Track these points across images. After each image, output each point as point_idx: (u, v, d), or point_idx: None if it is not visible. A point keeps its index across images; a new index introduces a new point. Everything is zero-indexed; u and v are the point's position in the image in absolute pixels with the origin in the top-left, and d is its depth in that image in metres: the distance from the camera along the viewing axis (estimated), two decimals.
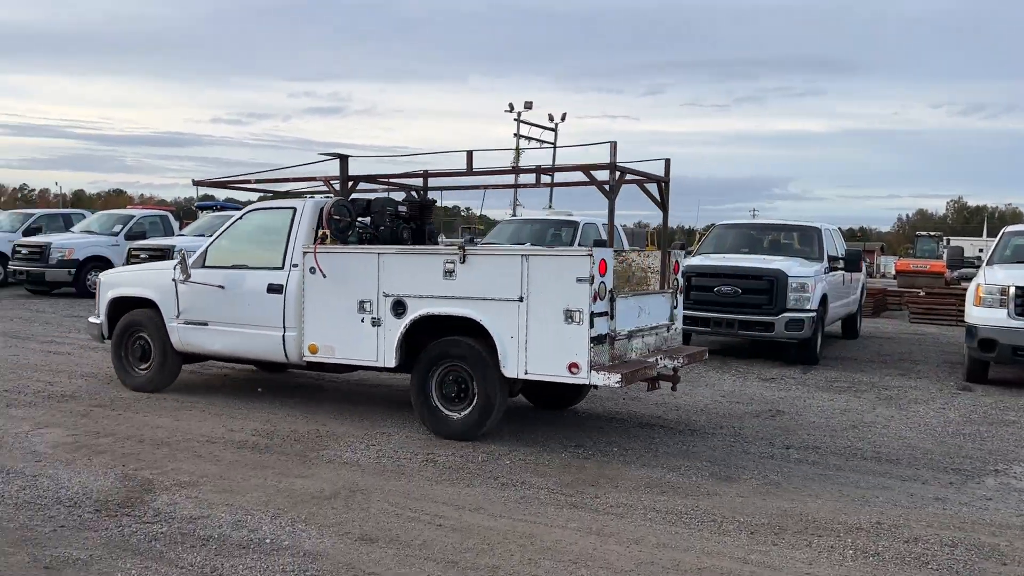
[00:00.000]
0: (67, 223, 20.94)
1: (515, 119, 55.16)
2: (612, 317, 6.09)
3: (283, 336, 7.20)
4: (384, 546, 4.31)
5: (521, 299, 6.11)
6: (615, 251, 6.44)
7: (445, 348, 6.51)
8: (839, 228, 14.89)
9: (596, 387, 6.47)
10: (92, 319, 8.66)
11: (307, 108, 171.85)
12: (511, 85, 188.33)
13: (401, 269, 6.64)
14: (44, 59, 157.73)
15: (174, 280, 7.84)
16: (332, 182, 7.76)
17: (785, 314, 10.66)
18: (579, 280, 5.88)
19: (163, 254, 15.55)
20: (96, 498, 4.88)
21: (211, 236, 8.42)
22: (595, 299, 5.89)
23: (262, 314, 7.32)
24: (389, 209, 7.72)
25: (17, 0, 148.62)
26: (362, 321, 6.78)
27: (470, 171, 7.21)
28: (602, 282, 5.96)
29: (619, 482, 5.53)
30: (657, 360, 6.68)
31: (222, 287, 7.60)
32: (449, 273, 6.40)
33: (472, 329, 6.37)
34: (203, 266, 7.79)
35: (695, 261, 11.69)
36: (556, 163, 6.87)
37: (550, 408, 7.78)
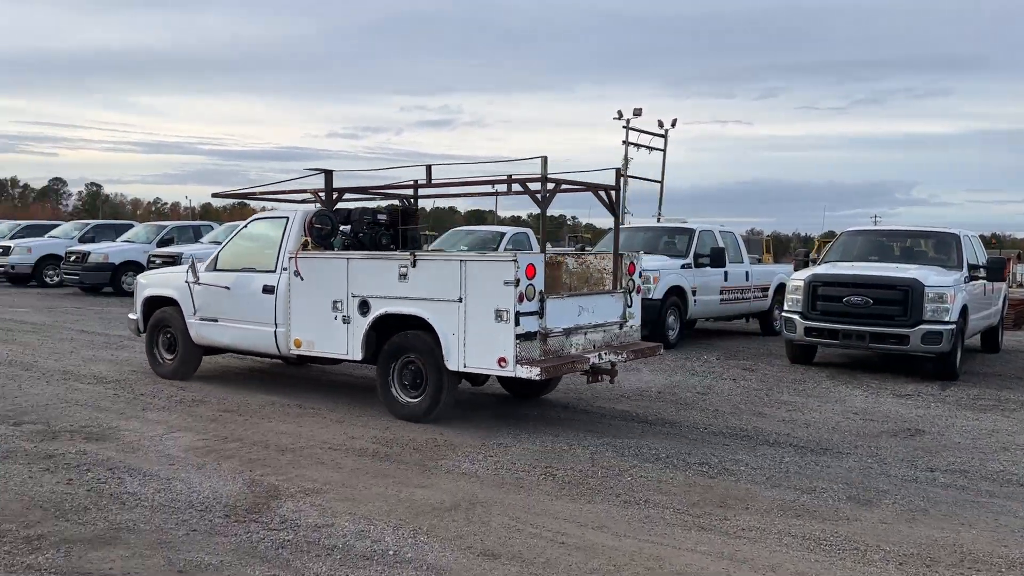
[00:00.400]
0: (196, 234, 22.10)
1: (624, 126, 54.85)
2: (542, 316, 6.67)
3: (275, 332, 8.07)
4: (507, 563, 4.20)
5: (460, 300, 6.75)
6: (575, 252, 7.15)
7: (402, 343, 7.25)
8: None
9: (530, 378, 6.74)
10: (131, 315, 9.76)
11: (418, 121, 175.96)
12: (618, 92, 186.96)
13: (365, 272, 7.40)
14: (175, 81, 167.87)
15: (187, 282, 8.82)
16: (320, 193, 8.43)
17: (922, 326, 9.99)
18: (506, 283, 6.48)
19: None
20: (225, 503, 4.98)
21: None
22: (521, 300, 6.48)
23: (258, 312, 8.19)
24: (367, 218, 8.41)
25: (149, 27, 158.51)
26: (335, 319, 7.56)
27: (429, 183, 8.06)
28: (530, 284, 6.55)
29: (749, 503, 5.24)
30: (599, 355, 7.16)
31: (227, 288, 8.52)
32: (403, 276, 7.12)
33: (424, 326, 7.03)
34: (215, 269, 8.77)
35: (821, 270, 11.14)
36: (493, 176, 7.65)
37: (523, 397, 8.39)
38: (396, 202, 8.82)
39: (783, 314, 11.21)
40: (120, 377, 9.13)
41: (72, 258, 20.54)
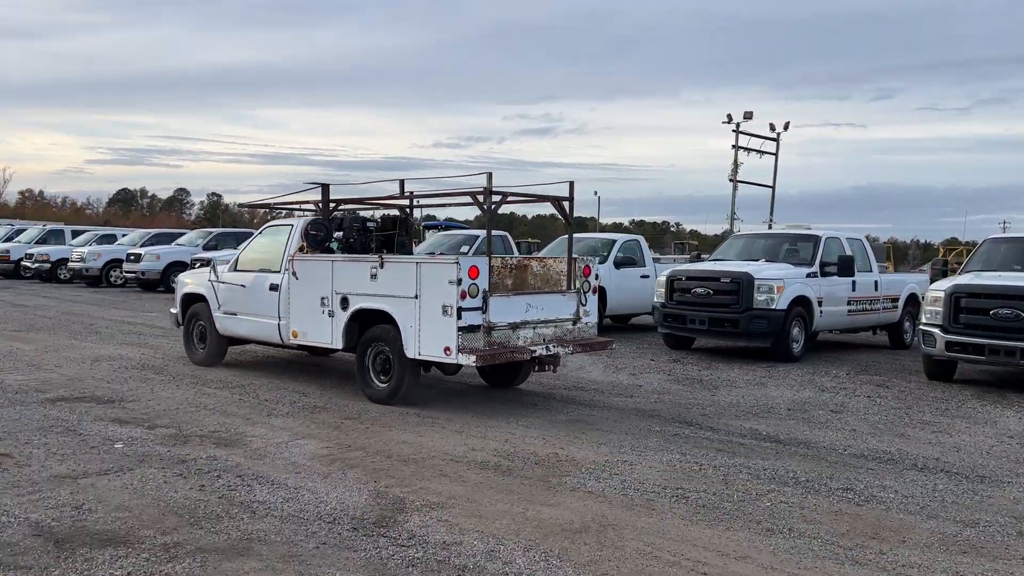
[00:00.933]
0: (238, 240, 23.24)
1: (734, 130, 53.53)
2: (485, 311, 7.57)
3: (279, 324, 9.26)
4: None
5: (416, 296, 7.76)
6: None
7: (375, 334, 8.28)
8: None
9: (467, 365, 7.73)
10: (172, 310, 11.26)
11: (520, 130, 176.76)
12: (724, 97, 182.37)
13: (345, 273, 8.49)
14: (292, 95, 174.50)
15: (210, 281, 10.23)
16: (318, 203, 9.76)
17: None
18: (450, 282, 7.44)
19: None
20: (352, 515, 4.92)
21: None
22: (464, 297, 7.40)
23: (267, 307, 9.42)
24: (356, 225, 9.55)
25: (267, 44, 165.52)
26: (323, 313, 8.67)
27: (402, 195, 9.37)
28: (473, 284, 7.47)
29: (906, 536, 4.81)
30: (547, 347, 8.08)
31: (244, 286, 9.81)
32: (374, 276, 8.17)
33: (390, 319, 8.03)
34: (235, 270, 10.09)
35: (963, 280, 10.36)
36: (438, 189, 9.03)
37: (500, 386, 9.38)
38: (396, 212, 10.00)
39: (921, 327, 10.49)
40: (245, 382, 9.34)
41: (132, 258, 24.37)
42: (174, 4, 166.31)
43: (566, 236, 18.39)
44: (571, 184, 8.67)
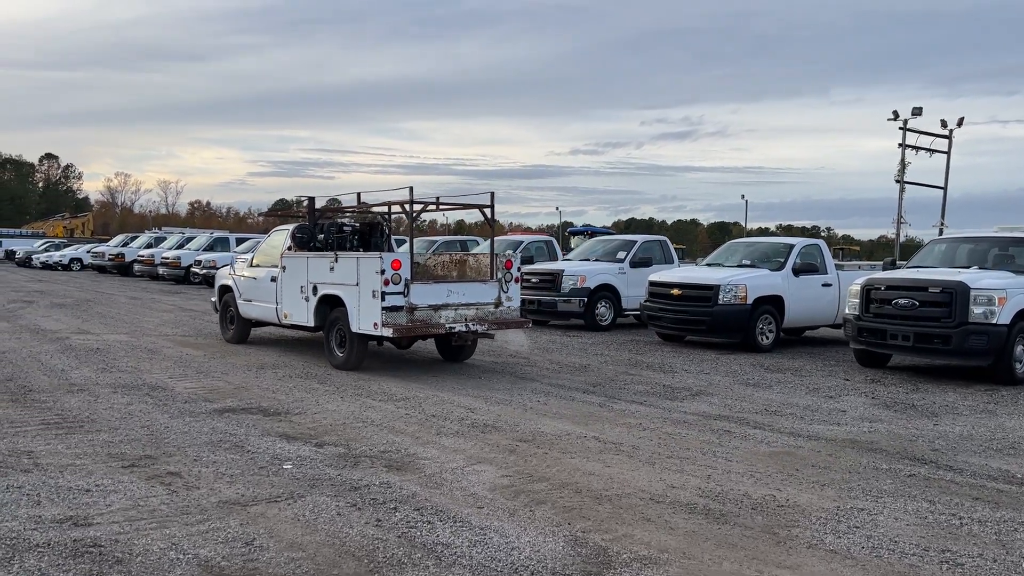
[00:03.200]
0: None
1: (900, 128, 49.94)
2: (407, 295, 9.61)
3: (276, 308, 11.62)
4: None
5: (357, 284, 9.88)
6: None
7: (335, 315, 10.47)
8: None
9: (387, 339, 10.16)
10: (211, 299, 14.36)
11: (659, 134, 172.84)
12: (877, 95, 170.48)
13: (314, 267, 10.76)
14: (434, 106, 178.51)
15: (231, 275, 13.07)
16: (305, 212, 12.35)
17: None
18: (376, 272, 9.54)
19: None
20: (552, 568, 4.18)
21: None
22: (387, 284, 9.47)
23: (270, 295, 11.78)
24: (333, 228, 11.93)
25: (411, 58, 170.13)
26: (302, 299, 10.97)
27: (359, 206, 12.05)
28: (396, 273, 9.53)
29: None
30: (466, 325, 10.08)
31: (255, 279, 12.29)
32: (332, 269, 10.38)
33: (342, 303, 10.18)
34: (251, 266, 12.60)
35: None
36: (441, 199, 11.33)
37: (451, 360, 11.39)
38: (378, 218, 12.47)
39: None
40: (409, 394, 8.87)
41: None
42: (327, 23, 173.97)
43: (733, 242, 17.30)
44: (491, 195, 10.77)
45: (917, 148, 49.43)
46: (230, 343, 12.98)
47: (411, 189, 10.12)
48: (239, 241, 32.25)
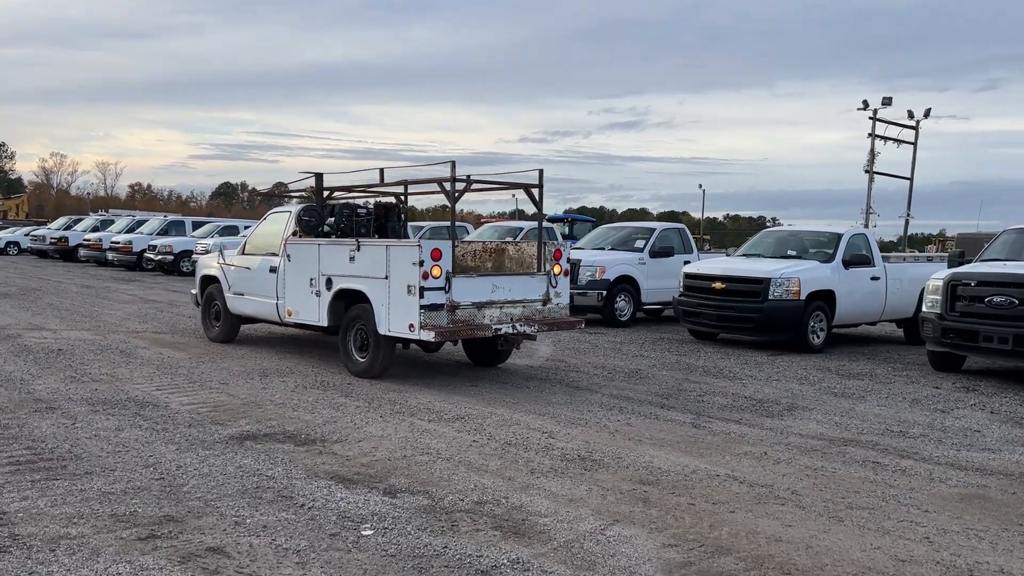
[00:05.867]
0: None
1: (870, 118, 49.74)
2: (448, 291, 7.97)
3: (277, 303, 9.81)
4: None
5: (387, 277, 8.19)
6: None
7: (355, 313, 8.73)
8: None
9: (425, 342, 8.37)
10: (192, 291, 12.13)
11: (607, 124, 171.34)
12: (821, 89, 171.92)
13: (329, 255, 8.97)
14: (383, 91, 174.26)
15: (220, 264, 10.93)
16: (313, 190, 10.19)
17: None
18: (413, 263, 7.86)
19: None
20: None
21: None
22: (426, 277, 7.82)
23: (268, 288, 9.96)
24: (346, 211, 9.96)
25: (361, 42, 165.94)
26: (311, 293, 9.18)
27: (381, 183, 9.85)
28: (435, 264, 7.87)
29: None
30: (513, 326, 8.40)
31: (249, 268, 10.35)
32: (352, 258, 8.63)
33: (366, 299, 8.46)
34: (242, 254, 10.66)
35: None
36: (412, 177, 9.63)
37: (484, 365, 9.72)
38: (391, 200, 10.46)
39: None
40: (459, 412, 7.31)
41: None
42: (275, 4, 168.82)
43: (769, 230, 15.94)
44: (540, 172, 8.93)
45: (885, 138, 49.31)
46: (215, 342, 11.09)
47: (453, 164, 8.32)
48: (196, 225, 30.02)
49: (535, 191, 9.02)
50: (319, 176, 10.11)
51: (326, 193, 10.25)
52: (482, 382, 8.88)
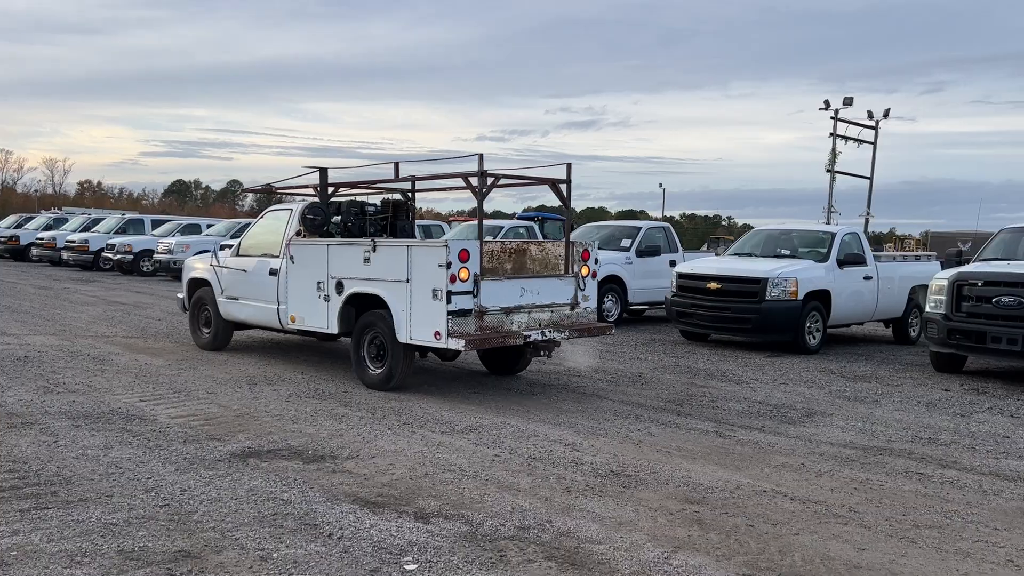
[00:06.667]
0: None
1: (832, 117, 50.29)
2: (476, 295, 7.37)
3: (278, 309, 9.09)
4: None
5: (407, 280, 7.53)
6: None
7: (370, 319, 8.05)
8: None
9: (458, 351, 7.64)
10: (179, 295, 11.19)
11: (563, 123, 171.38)
12: (774, 90, 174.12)
13: (339, 257, 8.27)
14: (341, 88, 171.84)
15: (212, 266, 10.09)
16: (316, 187, 9.35)
17: None
18: (439, 265, 7.23)
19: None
20: None
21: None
22: (453, 281, 7.20)
23: (267, 292, 9.23)
24: (354, 209, 9.24)
25: (319, 38, 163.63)
26: (319, 297, 8.48)
27: (397, 178, 8.90)
28: (463, 267, 7.25)
29: None
30: (542, 332, 7.77)
31: (245, 271, 9.60)
32: (367, 260, 7.95)
33: (383, 304, 7.79)
34: (237, 255, 9.87)
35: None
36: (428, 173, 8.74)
37: (500, 373, 9.11)
38: (397, 196, 9.64)
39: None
40: (471, 422, 6.88)
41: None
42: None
43: (759, 229, 15.62)
44: (568, 166, 8.36)
45: (846, 138, 49.93)
46: (205, 350, 10.33)
47: (481, 157, 7.63)
48: (155, 223, 29.03)
49: (563, 186, 8.39)
50: (323, 171, 9.34)
51: (326, 189, 9.50)
52: (484, 388, 8.45)
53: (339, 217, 9.19)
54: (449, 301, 7.20)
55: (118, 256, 25.79)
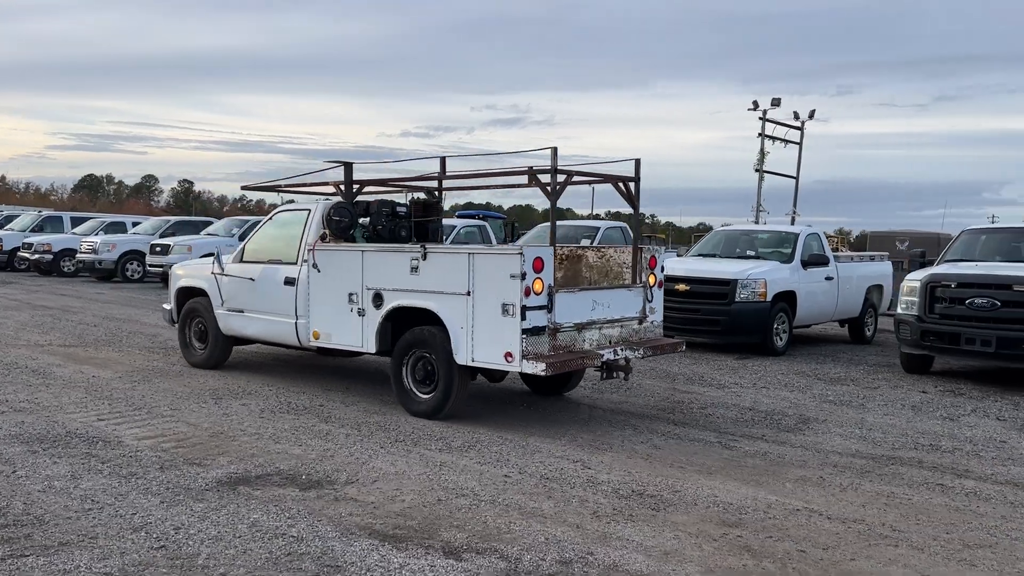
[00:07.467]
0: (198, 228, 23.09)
1: (760, 118, 51.28)
2: (551, 310, 6.47)
3: (296, 323, 8.00)
4: None
5: (469, 293, 6.60)
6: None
7: (415, 336, 7.05)
8: None
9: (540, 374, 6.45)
10: (165, 305, 9.97)
11: (489, 120, 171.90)
12: (696, 90, 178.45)
13: (378, 265, 7.25)
14: (259, 81, 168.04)
15: (213, 273, 8.89)
16: (340, 185, 8.31)
17: None
18: (512, 276, 6.31)
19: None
20: None
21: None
22: (528, 294, 6.28)
23: (281, 304, 8.14)
24: (385, 210, 8.22)
25: (236, 30, 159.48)
26: (351, 311, 7.43)
27: (443, 175, 7.89)
28: (537, 278, 6.36)
29: None
30: (614, 351, 6.97)
31: (252, 280, 8.49)
32: (414, 269, 6.97)
33: (434, 319, 6.84)
34: (240, 261, 8.75)
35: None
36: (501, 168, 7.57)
37: (546, 394, 8.21)
38: (421, 195, 8.73)
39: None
40: (467, 439, 6.48)
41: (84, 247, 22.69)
42: None
43: (722, 229, 15.55)
44: (637, 162, 7.62)
45: (774, 138, 50.90)
46: (198, 368, 9.14)
47: (554, 151, 6.72)
48: (76, 221, 27.47)
49: (631, 184, 7.66)
50: (348, 165, 8.32)
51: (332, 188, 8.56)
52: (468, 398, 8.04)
53: (367, 219, 8.20)
54: (524, 318, 6.30)
55: (36, 256, 24.34)
